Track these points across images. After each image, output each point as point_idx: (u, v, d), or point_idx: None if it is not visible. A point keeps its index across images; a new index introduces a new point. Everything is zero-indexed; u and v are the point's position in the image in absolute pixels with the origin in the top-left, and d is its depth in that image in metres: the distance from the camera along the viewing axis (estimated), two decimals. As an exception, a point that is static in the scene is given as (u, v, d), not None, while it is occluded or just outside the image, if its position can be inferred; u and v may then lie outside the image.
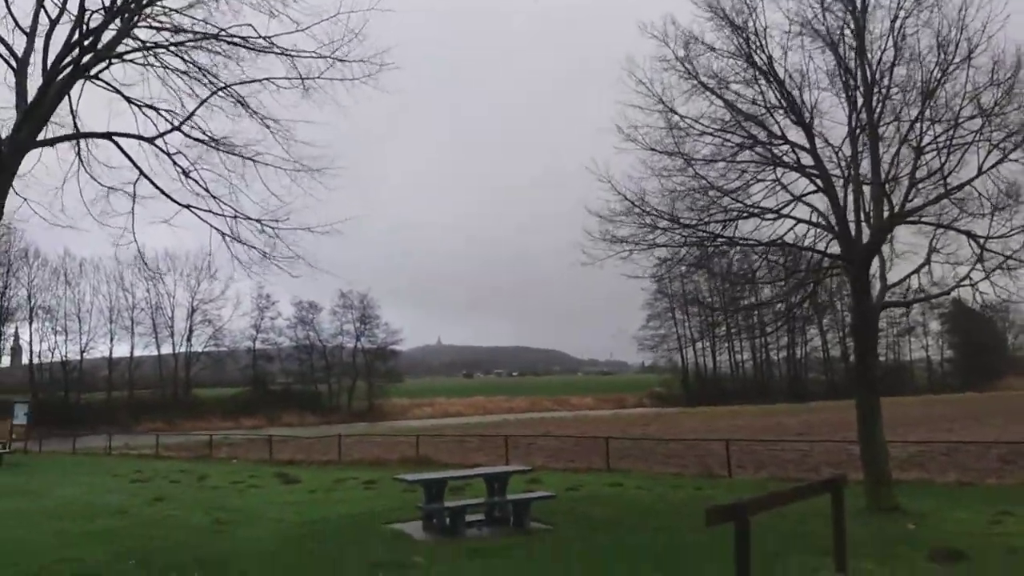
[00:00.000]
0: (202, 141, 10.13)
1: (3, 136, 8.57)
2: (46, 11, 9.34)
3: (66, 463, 28.86)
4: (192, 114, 10.10)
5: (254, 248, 10.05)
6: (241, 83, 10.24)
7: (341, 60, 9.98)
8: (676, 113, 13.65)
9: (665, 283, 72.89)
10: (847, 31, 13.22)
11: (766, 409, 61.92)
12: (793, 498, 8.57)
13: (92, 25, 8.78)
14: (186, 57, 9.93)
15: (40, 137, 9.18)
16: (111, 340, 66.41)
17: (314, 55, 9.84)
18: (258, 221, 10.00)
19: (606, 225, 14.03)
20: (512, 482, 13.15)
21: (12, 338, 66.07)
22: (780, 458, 22.43)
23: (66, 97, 9.19)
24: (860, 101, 13.27)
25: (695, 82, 13.56)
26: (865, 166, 13.49)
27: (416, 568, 9.13)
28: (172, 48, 9.54)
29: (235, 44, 9.50)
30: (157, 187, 9.86)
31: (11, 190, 8.66)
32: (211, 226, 10.18)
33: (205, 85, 10.37)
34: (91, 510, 14.62)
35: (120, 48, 9.24)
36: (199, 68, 9.84)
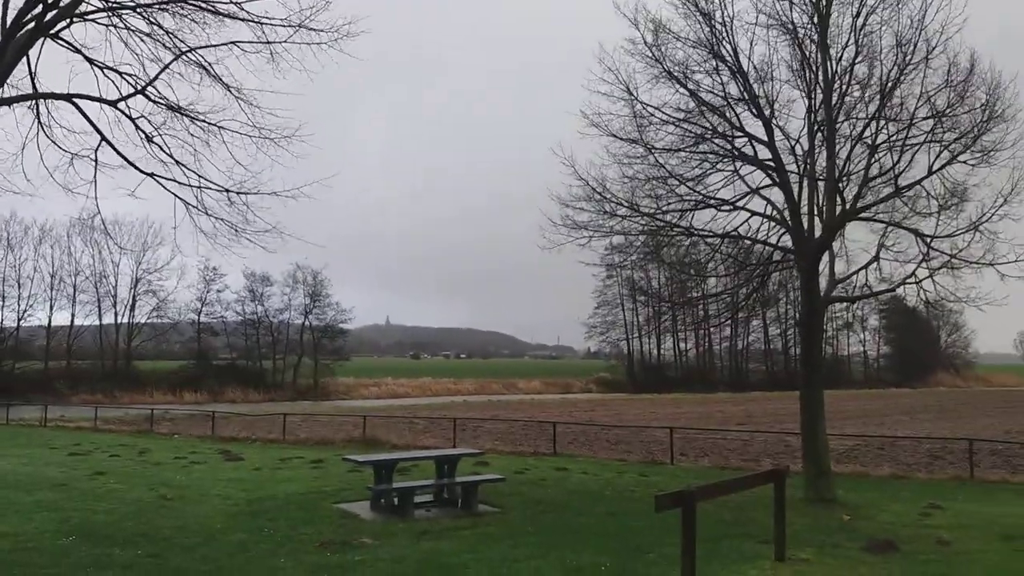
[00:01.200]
0: (166, 105, 9.90)
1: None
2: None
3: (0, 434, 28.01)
4: (156, 77, 9.86)
5: (222, 220, 9.85)
6: (206, 47, 10.01)
7: (309, 28, 9.84)
8: (640, 101, 13.78)
9: (616, 271, 73.61)
10: (811, 25, 13.45)
11: (707, 397, 63.25)
12: (738, 487, 8.87)
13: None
14: (151, 19, 9.66)
15: (-5, 97, 8.89)
16: (51, 308, 64.44)
17: (282, 23, 9.67)
18: (226, 191, 9.80)
19: (566, 210, 14.16)
20: (460, 464, 13.25)
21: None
22: (722, 447, 22.99)
23: (24, 57, 8.89)
24: (820, 97, 13.57)
25: (660, 68, 13.67)
26: (821, 162, 13.83)
27: (364, 548, 9.17)
28: (138, 10, 9.28)
29: (201, 8, 9.28)
30: (119, 153, 9.61)
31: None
32: (176, 196, 9.97)
33: (169, 49, 10.12)
34: (29, 482, 14.26)
35: (82, 8, 8.96)
36: (164, 30, 9.59)
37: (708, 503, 8.97)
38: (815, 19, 13.38)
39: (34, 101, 9.84)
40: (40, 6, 8.36)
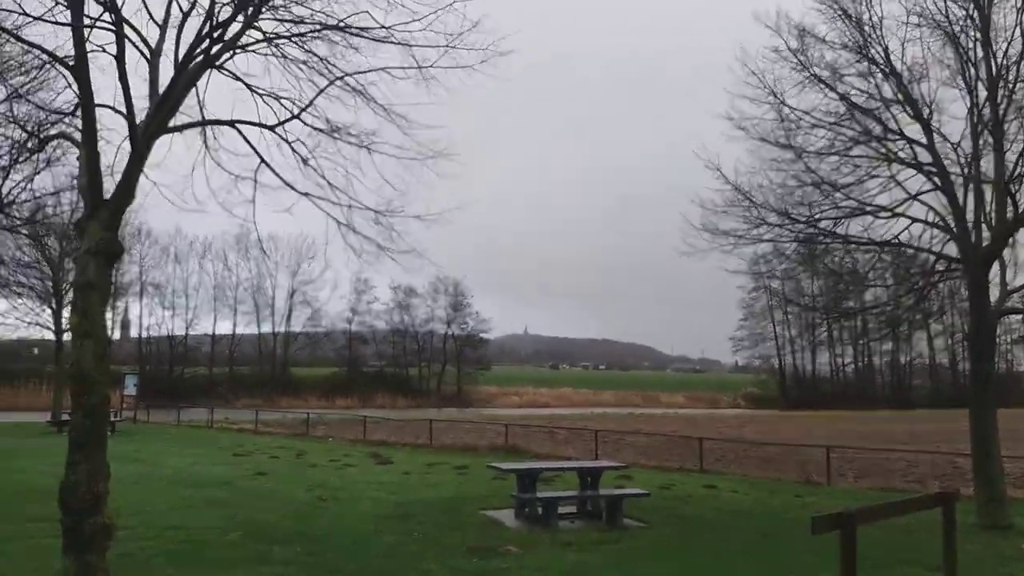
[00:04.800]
0: (320, 130, 10.42)
1: (138, 124, 9.00)
2: (179, 4, 9.76)
3: (172, 434, 30.40)
4: (311, 103, 10.40)
5: (369, 239, 10.26)
6: (358, 72, 10.45)
7: (457, 48, 10.06)
8: (787, 105, 13.27)
9: (764, 280, 70.82)
10: (969, 23, 12.51)
11: (867, 415, 59.52)
12: (903, 510, 8.23)
13: (221, 18, 9.13)
14: (306, 47, 10.21)
15: (170, 124, 9.63)
16: (214, 317, 69.57)
17: (431, 44, 9.95)
18: (374, 211, 10.21)
19: (709, 216, 13.78)
20: (603, 477, 13.12)
21: (122, 312, 69.59)
22: (884, 467, 21.54)
23: (193, 87, 9.60)
24: (983, 96, 12.55)
25: (808, 74, 13.15)
26: (987, 164, 12.76)
27: (510, 556, 9.23)
28: (294, 39, 9.84)
29: (354, 34, 9.71)
30: (277, 175, 10.19)
31: (143, 175, 9.12)
32: (328, 215, 10.47)
33: (323, 75, 10.64)
34: (199, 480, 15.38)
35: (244, 39, 9.59)
36: (319, 58, 10.12)
37: (870, 527, 8.40)
38: (974, 14, 12.40)
39: (202, 127, 10.62)
40: (207, 41, 9.00)
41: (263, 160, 10.61)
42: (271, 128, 10.62)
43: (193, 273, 68.66)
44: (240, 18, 9.58)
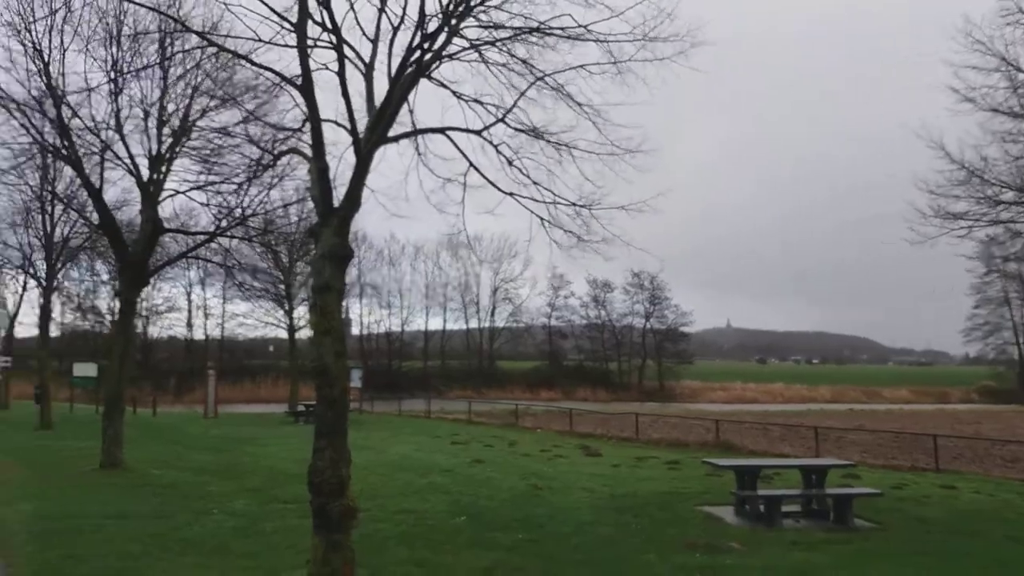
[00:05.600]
0: (522, 131, 10.67)
1: (360, 136, 9.60)
2: (389, 19, 10.32)
3: (393, 423, 32.46)
4: (514, 105, 10.66)
5: (570, 233, 10.41)
6: (557, 72, 10.58)
7: (651, 40, 9.91)
8: (1021, 71, 11.79)
9: (997, 264, 63.62)
10: None
11: None
12: None
13: (429, 29, 9.56)
14: (506, 50, 10.46)
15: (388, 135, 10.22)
16: (426, 315, 73.95)
17: (626, 38, 9.87)
18: (574, 205, 10.35)
19: (938, 200, 12.56)
20: (828, 476, 12.37)
21: (345, 311, 75.46)
22: None
23: (407, 97, 10.15)
24: None
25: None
26: None
27: (733, 553, 8.94)
28: (497, 44, 10.12)
29: (552, 34, 9.84)
30: (485, 177, 10.57)
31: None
32: (532, 212, 10.72)
33: (523, 77, 10.86)
34: (422, 466, 16.29)
35: (450, 48, 9.98)
36: (518, 60, 10.33)
37: None
38: None
39: (414, 136, 11.20)
40: (418, 51, 9.45)
41: (471, 164, 11.03)
42: (478, 133, 11.01)
43: (406, 274, 73.24)
44: (446, 28, 9.98)
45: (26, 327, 45.42)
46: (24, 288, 38.08)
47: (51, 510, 10.67)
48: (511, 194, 11.02)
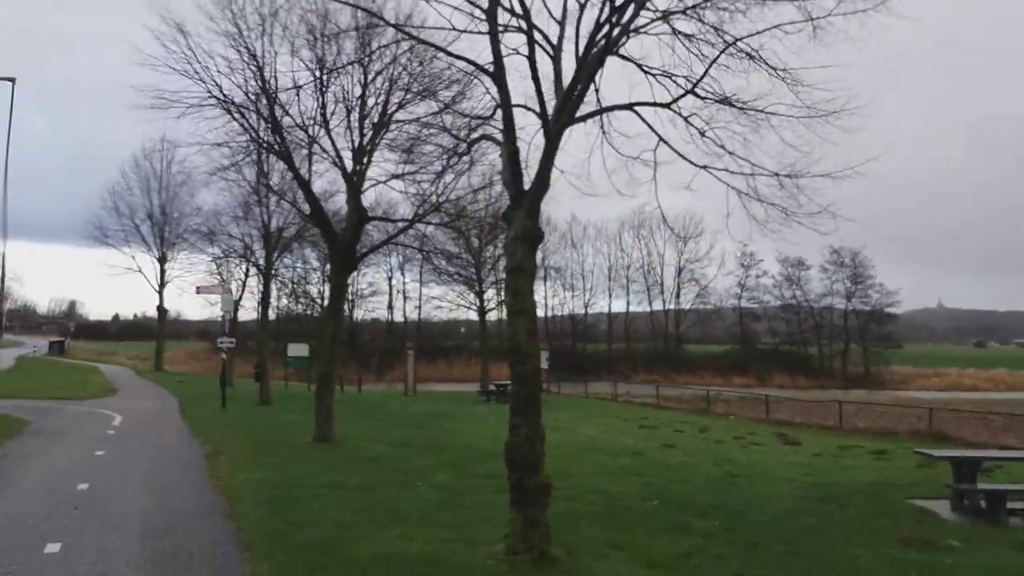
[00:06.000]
0: (714, 100, 10.25)
1: (549, 118, 9.65)
2: (577, -1, 10.23)
3: (580, 405, 32.73)
4: (704, 75, 10.25)
5: (773, 205, 9.85)
6: (748, 36, 10.05)
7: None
8: None
9: None
10: None
11: None
12: None
13: (617, 2, 9.39)
14: (697, 18, 10.07)
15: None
16: (609, 297, 73.80)
17: (823, -7, 9.16)
18: (775, 175, 9.77)
19: None
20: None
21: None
22: None
23: (595, 76, 10.06)
24: None
25: None
26: None
27: (952, 551, 8.17)
28: (687, 12, 9.77)
29: (746, -2, 9.34)
30: (676, 151, 10.27)
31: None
32: (728, 185, 10.28)
33: (713, 45, 10.42)
34: (611, 448, 16.29)
35: (638, 21, 9.76)
36: (710, 26, 9.91)
37: None
38: None
39: (599, 114, 11.08)
40: (606, 27, 9.31)
41: (661, 138, 10.75)
42: (666, 106, 10.70)
43: (588, 256, 73.37)
44: (634, 0, 9.77)
45: (247, 311, 50.08)
46: (246, 275, 42.48)
47: (273, 479, 11.69)
48: (704, 167, 10.64)
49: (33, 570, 6.90)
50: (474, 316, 51.04)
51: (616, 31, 9.84)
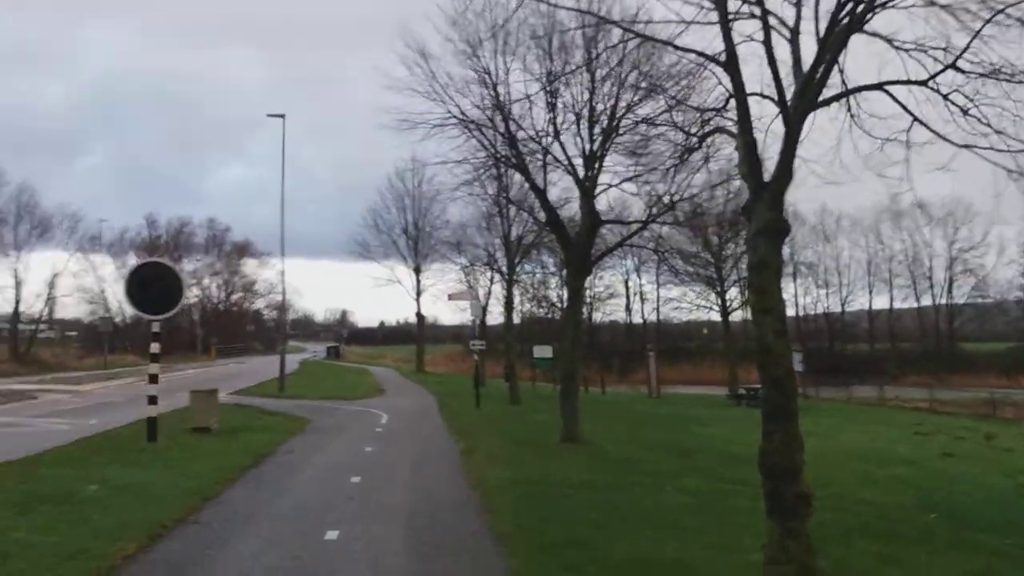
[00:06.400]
0: (980, 74, 9.12)
1: (788, 104, 9.15)
2: (818, -28, 9.60)
3: (842, 410, 30.51)
4: (967, 48, 9.15)
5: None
6: (1018, 2, 8.82)
7: None
8: None
9: None
10: None
11: None
12: None
13: (864, -25, 8.68)
14: (953, -16, 9.01)
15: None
16: (870, 293, 67.56)
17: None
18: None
19: None
20: None
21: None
22: None
23: (838, 57, 9.36)
24: None
25: None
26: None
27: None
28: (942, -23, 8.78)
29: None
30: (932, 130, 9.27)
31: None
32: (996, 164, 9.10)
33: (975, 15, 9.28)
34: (880, 457, 14.98)
35: (887, -6, 8.93)
36: (973, -5, 8.80)
37: None
38: None
39: (845, 96, 10.26)
40: (850, 3, 8.62)
41: (916, 118, 9.77)
42: (922, 83, 9.72)
43: (843, 249, 67.97)
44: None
45: (493, 316, 52.85)
46: (491, 282, 44.90)
47: (525, 475, 12.05)
48: (967, 146, 9.51)
49: (317, 554, 7.64)
50: (716, 316, 49.57)
51: (861, 7, 9.11)
